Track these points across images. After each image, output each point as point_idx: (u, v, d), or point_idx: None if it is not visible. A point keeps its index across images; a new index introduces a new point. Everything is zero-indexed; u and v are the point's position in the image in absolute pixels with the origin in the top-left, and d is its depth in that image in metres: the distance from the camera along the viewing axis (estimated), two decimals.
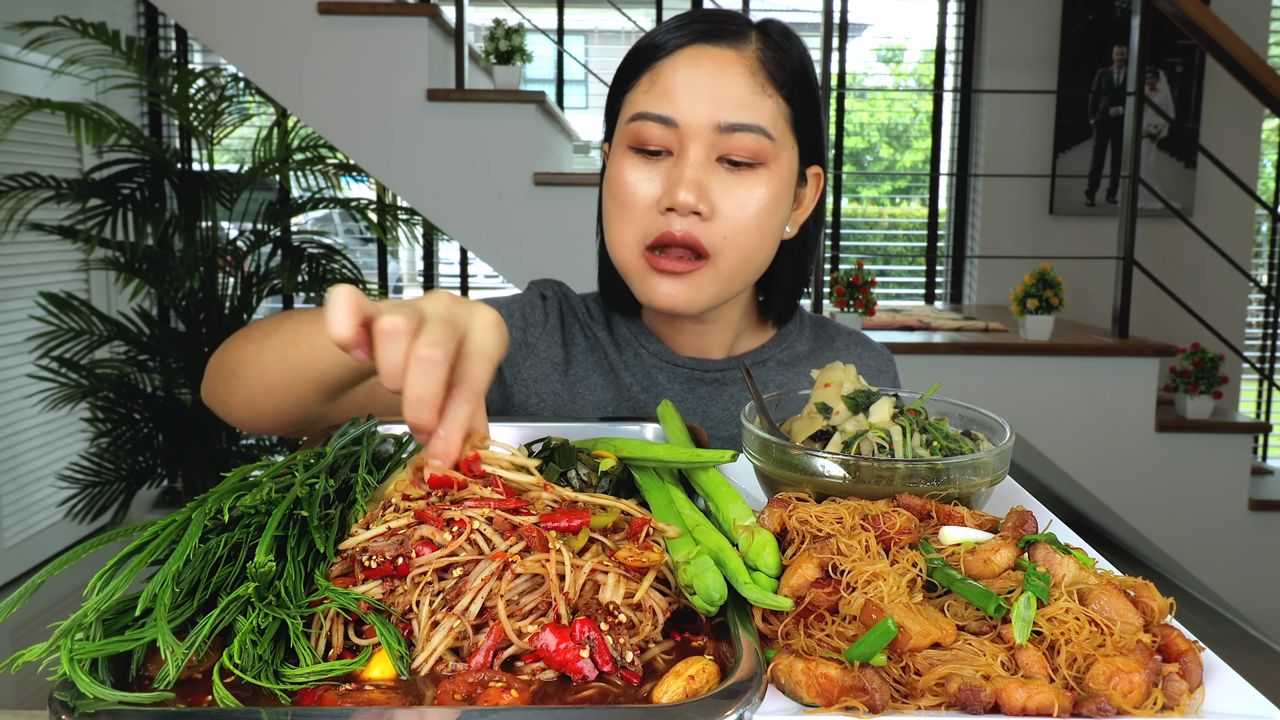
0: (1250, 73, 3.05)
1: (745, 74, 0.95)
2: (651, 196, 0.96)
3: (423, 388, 0.63)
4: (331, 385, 0.86)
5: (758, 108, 0.95)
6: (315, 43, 3.13)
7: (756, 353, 1.13)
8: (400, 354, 0.63)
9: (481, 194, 3.20)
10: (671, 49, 0.96)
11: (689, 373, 1.10)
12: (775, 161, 0.97)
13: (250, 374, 0.89)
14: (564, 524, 0.61)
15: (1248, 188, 3.43)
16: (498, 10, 4.13)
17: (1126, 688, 0.50)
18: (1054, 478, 3.45)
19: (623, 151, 0.99)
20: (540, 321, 1.12)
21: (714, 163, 0.95)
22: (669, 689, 0.51)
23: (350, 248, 6.62)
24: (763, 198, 0.96)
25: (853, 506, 0.65)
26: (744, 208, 0.96)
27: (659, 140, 0.95)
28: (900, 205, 6.02)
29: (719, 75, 0.94)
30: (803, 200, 1.06)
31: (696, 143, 0.94)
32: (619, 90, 1.02)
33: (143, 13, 4.73)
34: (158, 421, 3.76)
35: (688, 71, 0.95)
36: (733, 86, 0.94)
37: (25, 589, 0.55)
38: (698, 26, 0.97)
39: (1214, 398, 3.29)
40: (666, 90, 0.95)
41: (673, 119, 0.94)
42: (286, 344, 0.85)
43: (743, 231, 0.96)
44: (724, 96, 0.94)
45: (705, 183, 0.94)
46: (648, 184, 0.97)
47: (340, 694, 0.51)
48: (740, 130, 0.94)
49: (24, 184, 3.49)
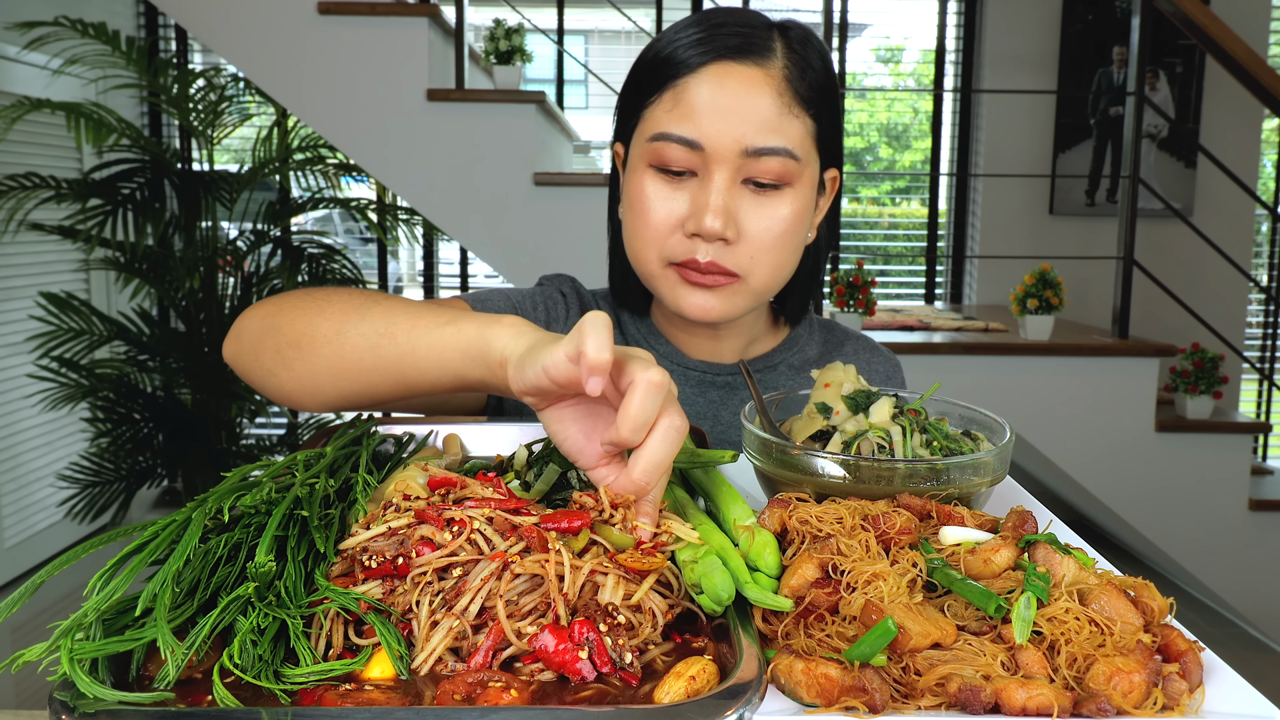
0: (1250, 73, 3.05)
1: (773, 95, 0.92)
2: (675, 216, 0.95)
3: (665, 455, 0.62)
4: (423, 388, 0.80)
5: (785, 130, 0.93)
6: (315, 43, 3.13)
7: (767, 357, 1.13)
8: (654, 411, 0.61)
9: (481, 194, 3.20)
10: (695, 66, 0.93)
11: (700, 376, 1.10)
12: (800, 180, 0.96)
13: (321, 351, 0.83)
14: (564, 524, 0.61)
15: (1248, 188, 3.43)
16: (498, 10, 4.13)
17: (1126, 688, 0.50)
18: (1054, 478, 3.45)
19: (643, 168, 0.97)
20: (561, 318, 1.11)
21: (739, 185, 0.94)
22: (670, 689, 0.51)
23: (350, 248, 6.62)
24: (787, 217, 0.95)
25: (853, 507, 0.65)
26: (770, 230, 0.95)
27: (683, 162, 0.93)
28: (900, 205, 6.02)
29: (745, 98, 0.91)
30: (821, 205, 1.05)
31: (722, 167, 0.92)
32: (638, 98, 0.99)
33: (143, 13, 4.73)
34: (158, 421, 3.76)
35: (714, 93, 0.92)
36: (759, 109, 0.92)
37: (25, 589, 0.55)
38: (723, 42, 0.93)
39: (1214, 398, 3.29)
40: (690, 111, 0.92)
41: (698, 142, 0.92)
42: (381, 333, 0.80)
43: (769, 250, 0.96)
44: (750, 119, 0.91)
45: (732, 207, 0.93)
46: (671, 203, 0.95)
47: (340, 694, 0.51)
48: (768, 154, 0.92)
49: (24, 184, 3.49)
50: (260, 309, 0.91)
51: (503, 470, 0.79)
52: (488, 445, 0.92)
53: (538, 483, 0.72)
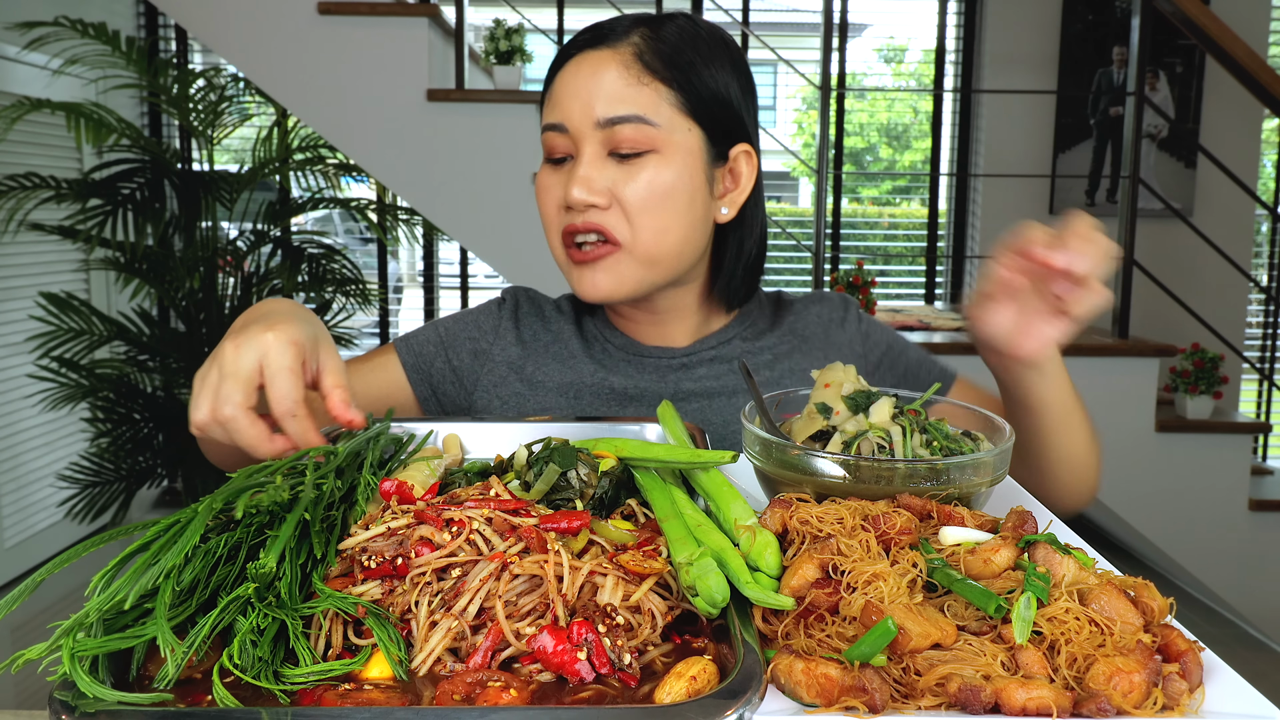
0: (1250, 73, 3.05)
1: (619, 68, 1.00)
2: (560, 198, 1.03)
3: (253, 438, 0.75)
4: None
5: (633, 98, 0.99)
6: (315, 43, 3.13)
7: (721, 333, 1.16)
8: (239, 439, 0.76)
9: (481, 194, 3.20)
10: (561, 62, 1.04)
11: (656, 361, 1.14)
12: (667, 146, 1.00)
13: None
14: (563, 525, 0.61)
15: (1248, 188, 3.43)
16: (498, 10, 4.13)
17: (1126, 688, 0.50)
18: None
19: (542, 163, 1.06)
20: (493, 327, 1.17)
21: (606, 158, 1.00)
22: (671, 689, 0.51)
23: (350, 248, 6.61)
24: (655, 180, 1.00)
25: (853, 507, 0.65)
26: (638, 192, 1.00)
27: (562, 148, 1.02)
28: (900, 205, 6.02)
29: (593, 77, 1.00)
30: (739, 180, 1.08)
31: (586, 142, 1.00)
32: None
33: (143, 13, 4.73)
34: (158, 421, 3.76)
35: (570, 78, 1.02)
36: (606, 83, 0.99)
37: (25, 588, 0.55)
38: (582, 37, 1.04)
39: (1214, 398, 3.28)
40: (556, 100, 1.02)
41: (563, 125, 1.01)
42: None
43: (643, 213, 1.00)
44: (599, 94, 0.99)
45: (596, 177, 1.00)
46: (556, 189, 1.04)
47: (339, 694, 0.51)
48: (620, 123, 0.99)
49: (24, 184, 3.49)
50: None
51: (503, 470, 0.79)
52: (488, 445, 0.92)
53: (538, 483, 0.72)
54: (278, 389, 0.76)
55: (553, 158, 1.04)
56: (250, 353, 0.76)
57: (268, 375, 0.76)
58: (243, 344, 0.77)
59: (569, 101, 1.01)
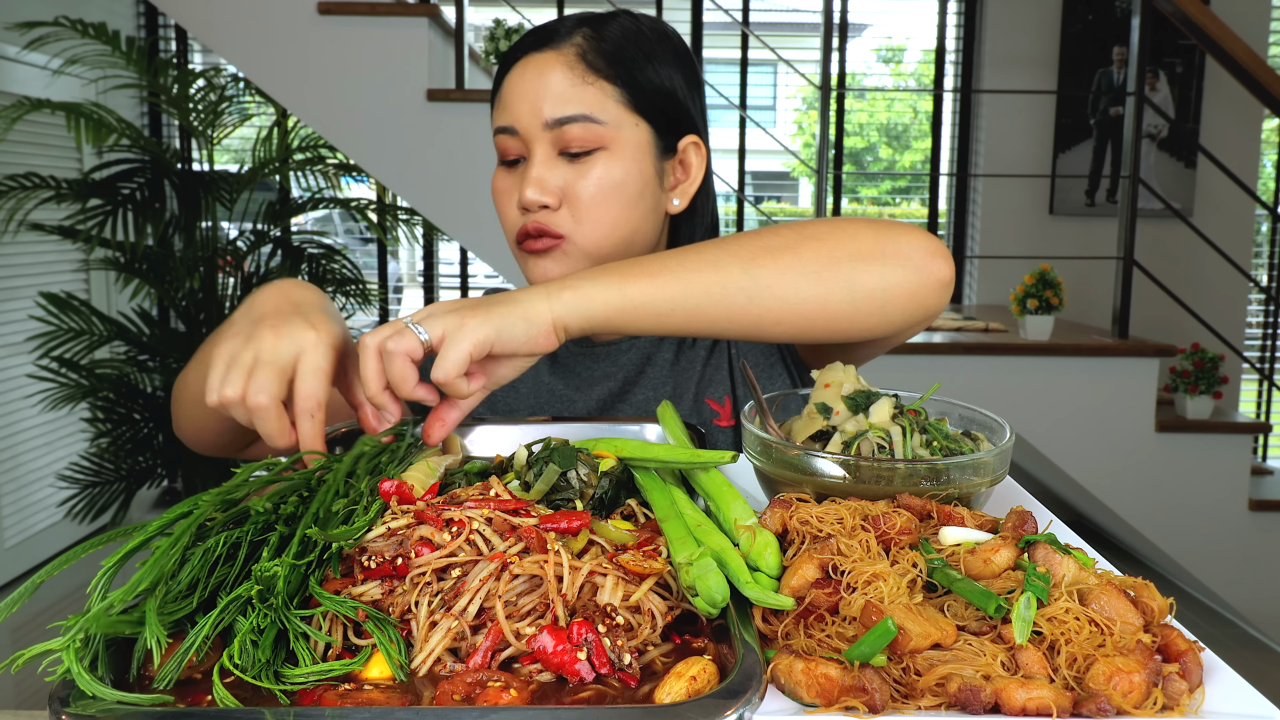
0: (1250, 73, 3.05)
1: (564, 69, 1.01)
2: (514, 200, 1.05)
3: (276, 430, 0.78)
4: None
5: (579, 98, 1.00)
6: (315, 43, 3.13)
7: None
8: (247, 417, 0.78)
9: (481, 194, 3.18)
10: (508, 66, 1.05)
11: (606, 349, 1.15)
12: (616, 142, 1.02)
13: (183, 395, 0.99)
14: (563, 525, 0.61)
15: (1248, 188, 3.43)
16: (498, 10, 4.13)
17: (1126, 688, 0.50)
18: (1054, 478, 3.45)
19: (496, 166, 1.08)
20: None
21: (557, 158, 1.02)
22: (671, 689, 0.51)
23: (350, 248, 6.62)
24: (603, 177, 1.01)
25: (853, 507, 0.65)
26: (585, 190, 1.01)
27: (513, 150, 1.04)
28: (900, 205, 6.02)
29: (539, 79, 1.01)
30: (689, 171, 1.10)
31: (536, 143, 1.02)
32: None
33: (143, 13, 4.73)
34: (158, 421, 3.76)
35: (517, 81, 1.03)
36: (552, 84, 1.01)
37: (25, 589, 0.55)
38: (527, 40, 1.05)
39: (1214, 398, 3.28)
40: (505, 103, 1.04)
41: (513, 127, 1.02)
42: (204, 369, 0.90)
43: (591, 209, 1.01)
44: (546, 95, 1.00)
45: (547, 177, 1.01)
46: (511, 191, 1.05)
47: (340, 694, 0.51)
48: (568, 123, 1.00)
49: (24, 184, 3.49)
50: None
51: (503, 470, 0.79)
52: (488, 445, 0.92)
53: (538, 483, 0.72)
54: (306, 387, 0.78)
55: (506, 160, 1.06)
56: (291, 346, 0.78)
57: (300, 371, 0.78)
58: (284, 335, 0.79)
59: (517, 104, 1.02)
